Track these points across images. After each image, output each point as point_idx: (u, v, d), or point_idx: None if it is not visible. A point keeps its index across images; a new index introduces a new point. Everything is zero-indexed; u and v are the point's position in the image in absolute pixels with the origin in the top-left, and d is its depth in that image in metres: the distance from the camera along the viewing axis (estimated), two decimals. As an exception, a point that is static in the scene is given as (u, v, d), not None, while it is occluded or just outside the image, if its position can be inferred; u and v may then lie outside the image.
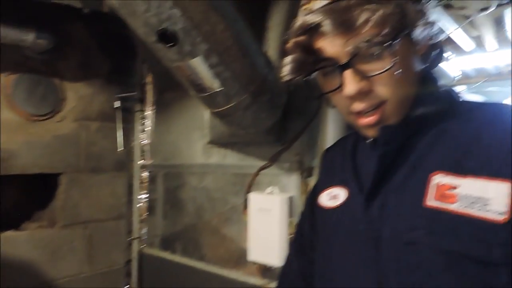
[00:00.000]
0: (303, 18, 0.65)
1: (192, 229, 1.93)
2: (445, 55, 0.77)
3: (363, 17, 0.60)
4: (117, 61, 2.21)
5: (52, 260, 1.97)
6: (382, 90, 0.65)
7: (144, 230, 2.22)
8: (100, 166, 2.17)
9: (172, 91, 2.05)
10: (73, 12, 1.75)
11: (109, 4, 1.03)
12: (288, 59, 0.67)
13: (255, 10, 1.47)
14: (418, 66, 0.70)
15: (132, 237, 2.21)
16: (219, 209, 1.81)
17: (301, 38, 0.66)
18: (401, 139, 0.70)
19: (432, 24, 0.67)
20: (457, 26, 2.07)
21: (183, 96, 1.96)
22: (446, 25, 2.13)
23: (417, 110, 0.70)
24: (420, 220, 0.63)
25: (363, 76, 0.65)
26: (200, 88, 1.19)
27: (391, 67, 0.63)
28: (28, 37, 1.74)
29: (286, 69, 0.67)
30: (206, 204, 1.87)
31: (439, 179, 0.63)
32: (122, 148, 2.22)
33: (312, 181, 1.50)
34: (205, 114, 1.80)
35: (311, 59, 0.66)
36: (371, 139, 0.76)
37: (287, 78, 0.68)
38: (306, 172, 1.52)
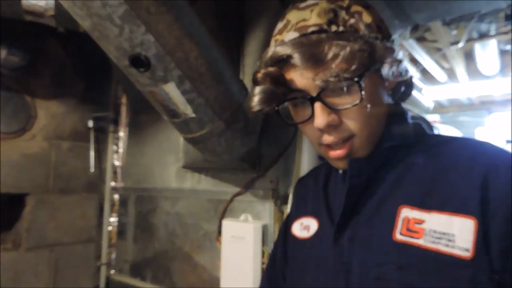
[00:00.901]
0: (274, 50, 0.66)
1: (163, 256, 1.88)
2: (414, 89, 0.79)
3: (332, 52, 0.61)
4: (92, 80, 2.19)
5: (14, 284, 1.88)
6: (351, 123, 0.67)
7: (114, 255, 2.15)
8: (70, 187, 2.11)
9: (147, 113, 2.03)
10: (48, 30, 1.72)
11: (82, 25, 1.01)
12: (258, 89, 0.68)
13: (232, 37, 1.47)
14: (387, 101, 0.72)
15: (101, 263, 2.14)
16: (192, 236, 1.77)
17: (271, 69, 0.66)
18: (370, 172, 0.71)
19: (400, 61, 0.69)
20: (430, 58, 2.14)
21: (157, 119, 1.94)
22: (420, 57, 2.19)
23: (386, 143, 0.71)
24: (388, 254, 0.63)
25: (332, 109, 0.66)
26: (173, 113, 1.17)
27: (358, 102, 0.64)
28: (0, 53, 1.70)
29: (255, 99, 0.68)
30: (178, 229, 1.83)
31: (406, 213, 0.64)
32: (94, 169, 2.17)
33: (287, 209, 1.49)
34: (180, 138, 1.78)
35: (281, 90, 0.67)
36: (342, 171, 0.77)
37: (256, 108, 0.68)
38: (280, 200, 1.51)
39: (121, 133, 2.19)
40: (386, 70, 0.66)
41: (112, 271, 2.12)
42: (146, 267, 1.95)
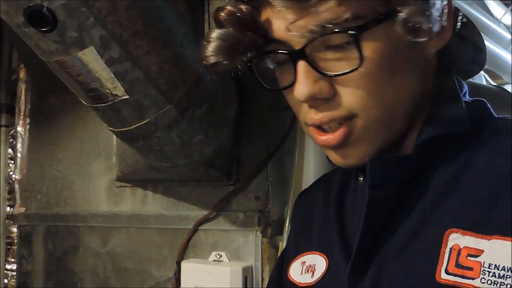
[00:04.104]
0: None
1: (91, 322, 1.95)
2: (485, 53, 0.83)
3: None
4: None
5: None
6: (349, 98, 0.71)
7: (12, 324, 2.21)
8: None
9: (60, 95, 2.07)
10: None
11: None
12: (215, 33, 0.73)
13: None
14: (425, 69, 0.77)
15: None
16: (135, 288, 1.83)
17: (240, 6, 0.72)
18: (401, 179, 0.75)
19: (447, 7, 0.72)
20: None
21: (77, 103, 1.98)
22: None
23: (425, 133, 0.75)
24: None
25: (321, 74, 0.71)
26: (95, 95, 1.23)
27: (356, 68, 0.68)
28: None
29: (210, 47, 0.73)
30: (113, 279, 1.89)
31: (456, 240, 0.68)
32: (-23, 187, 2.23)
33: (282, 242, 1.54)
34: (112, 134, 1.84)
35: (249, 38, 0.72)
36: (362, 178, 0.82)
37: (209, 60, 0.73)
38: (271, 228, 1.57)
39: (20, 128, 2.23)
40: (415, 19, 0.67)
41: None
42: None
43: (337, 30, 0.66)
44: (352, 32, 0.66)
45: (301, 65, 0.71)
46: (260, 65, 0.78)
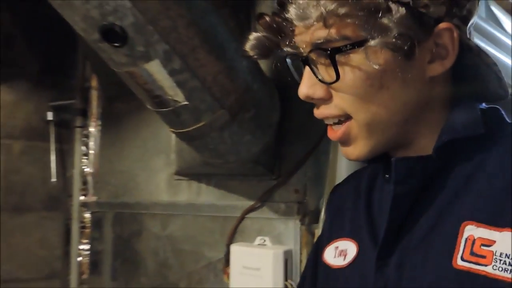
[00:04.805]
0: None
1: (152, 295, 1.97)
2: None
3: (317, 11, 0.68)
4: (51, 57, 2.27)
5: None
6: (339, 101, 0.73)
7: (86, 296, 2.25)
8: (25, 203, 2.22)
9: (125, 101, 2.10)
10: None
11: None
12: (253, 34, 0.77)
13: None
14: (429, 86, 0.75)
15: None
16: (190, 267, 1.85)
17: (273, 16, 0.76)
18: (422, 176, 0.75)
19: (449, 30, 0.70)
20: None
21: (140, 107, 2.01)
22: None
23: (443, 137, 0.75)
24: (447, 285, 0.68)
25: (317, 79, 0.73)
26: (159, 101, 1.25)
27: (333, 81, 0.70)
28: None
29: (248, 44, 0.78)
30: (172, 259, 1.91)
31: (471, 231, 0.68)
32: (56, 179, 2.27)
33: (318, 229, 1.54)
34: (171, 134, 1.85)
35: (276, 41, 0.76)
36: (388, 175, 0.82)
37: (247, 53, 0.78)
38: (309, 217, 1.57)
39: (92, 128, 2.27)
40: (393, 46, 0.68)
41: (84, 318, 2.23)
42: (129, 311, 2.05)
43: (319, 47, 0.70)
44: (327, 51, 0.69)
45: (306, 69, 0.74)
46: (296, 61, 0.80)
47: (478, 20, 2.17)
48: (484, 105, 0.79)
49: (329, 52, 0.69)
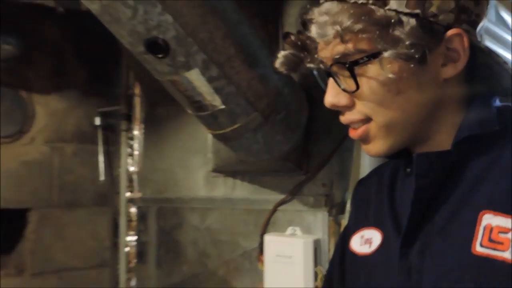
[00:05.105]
0: (305, 11, 0.75)
1: (193, 281, 1.99)
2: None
3: (334, 28, 0.69)
4: (97, 68, 2.32)
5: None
6: (361, 107, 0.73)
7: (133, 282, 2.28)
8: (77, 200, 2.26)
9: (166, 106, 2.13)
10: (44, 12, 1.86)
11: (90, 8, 1.12)
12: (282, 52, 0.80)
13: (266, 6, 1.54)
14: (443, 87, 0.75)
15: (118, 291, 2.28)
16: (227, 256, 1.86)
17: (298, 35, 0.77)
18: (442, 170, 0.75)
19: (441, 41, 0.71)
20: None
21: (179, 112, 2.03)
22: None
23: (461, 133, 0.75)
24: (466, 271, 0.67)
25: (342, 89, 0.73)
26: (198, 106, 1.26)
27: (353, 91, 0.71)
28: (-9, 43, 1.86)
29: (277, 61, 0.80)
30: (210, 249, 1.93)
31: (488, 219, 0.68)
32: (104, 177, 2.31)
33: (344, 220, 1.54)
34: (208, 135, 1.87)
35: (301, 57, 0.78)
36: (409, 169, 0.82)
37: (278, 69, 0.80)
38: (336, 209, 1.57)
39: (136, 132, 2.31)
40: (406, 56, 0.68)
41: (132, 302, 2.26)
42: (173, 296, 2.07)
43: (338, 61, 0.71)
44: (345, 64, 0.70)
45: (330, 80, 0.74)
46: (322, 73, 0.81)
47: (488, 24, 2.15)
48: (498, 103, 0.79)
49: (347, 65, 0.69)
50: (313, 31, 0.72)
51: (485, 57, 0.75)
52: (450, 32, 0.70)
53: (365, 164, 1.49)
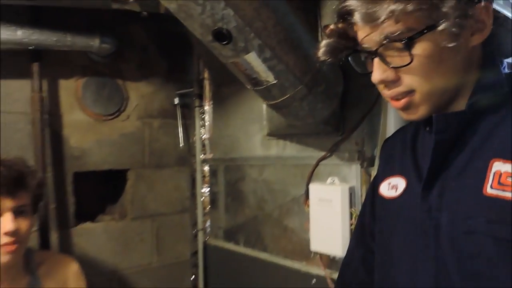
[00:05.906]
0: (342, 4, 0.72)
1: (254, 221, 2.03)
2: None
3: (385, 12, 0.65)
4: (175, 59, 2.36)
5: (124, 250, 2.17)
6: (409, 80, 0.71)
7: (208, 223, 2.35)
8: (163, 162, 2.34)
9: (228, 86, 2.15)
10: (131, 16, 1.90)
11: (167, 7, 1.13)
12: (323, 42, 0.77)
13: (307, 1, 1.51)
14: (469, 54, 0.72)
15: (198, 229, 2.35)
16: (280, 201, 1.88)
17: (337, 25, 0.74)
18: (457, 127, 0.73)
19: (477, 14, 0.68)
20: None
21: (239, 90, 2.04)
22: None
23: (475, 95, 0.72)
24: (478, 208, 0.66)
25: (387, 66, 0.70)
26: (255, 82, 1.26)
27: (407, 64, 0.67)
28: (94, 43, 1.92)
29: (320, 51, 0.78)
30: (266, 196, 1.96)
31: (498, 166, 0.66)
32: (183, 144, 2.37)
33: (373, 171, 1.52)
34: (263, 107, 1.87)
35: (344, 44, 0.75)
36: (428, 128, 0.80)
37: (320, 59, 0.78)
38: (366, 162, 1.55)
39: (206, 107, 2.34)
40: (455, 26, 0.65)
41: (208, 237, 2.33)
42: (238, 233, 2.13)
43: (394, 40, 0.67)
44: (403, 41, 0.67)
45: (376, 60, 0.72)
46: (356, 58, 0.78)
47: None
48: (507, 70, 0.75)
49: (404, 42, 0.66)
50: (357, 17, 0.68)
51: (498, 25, 0.72)
52: (480, 5, 0.67)
53: (391, 125, 1.45)
